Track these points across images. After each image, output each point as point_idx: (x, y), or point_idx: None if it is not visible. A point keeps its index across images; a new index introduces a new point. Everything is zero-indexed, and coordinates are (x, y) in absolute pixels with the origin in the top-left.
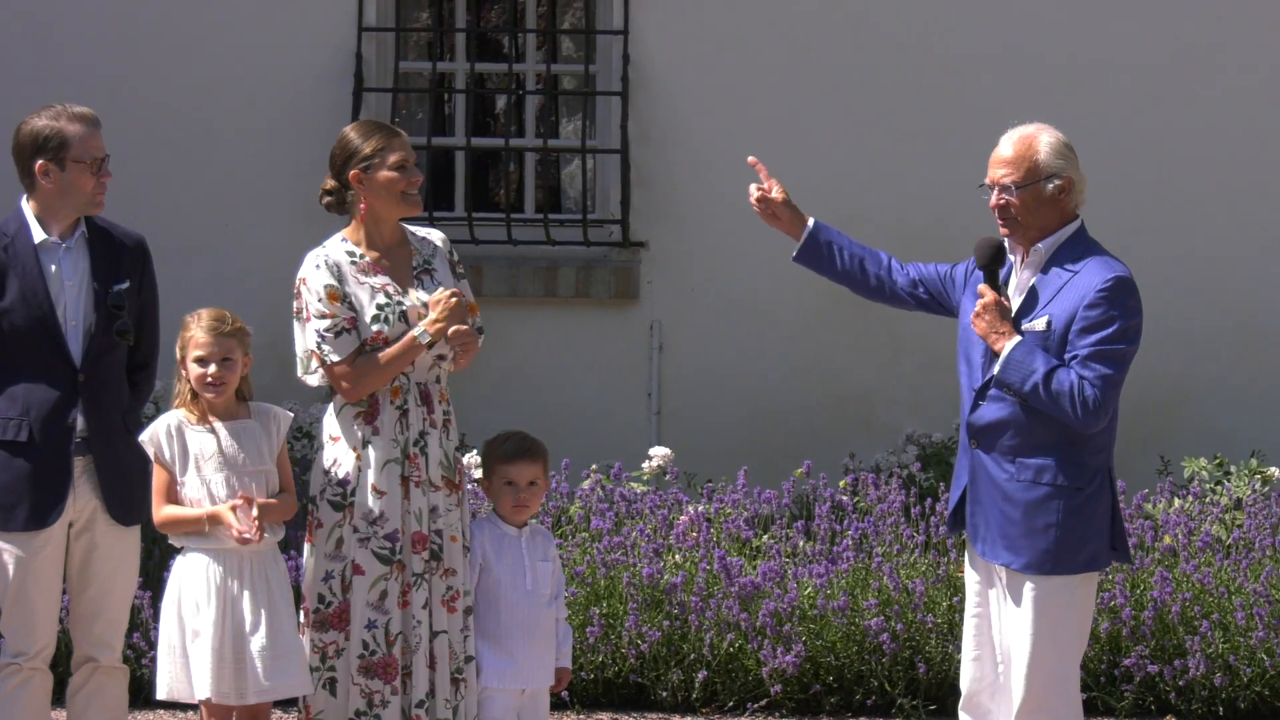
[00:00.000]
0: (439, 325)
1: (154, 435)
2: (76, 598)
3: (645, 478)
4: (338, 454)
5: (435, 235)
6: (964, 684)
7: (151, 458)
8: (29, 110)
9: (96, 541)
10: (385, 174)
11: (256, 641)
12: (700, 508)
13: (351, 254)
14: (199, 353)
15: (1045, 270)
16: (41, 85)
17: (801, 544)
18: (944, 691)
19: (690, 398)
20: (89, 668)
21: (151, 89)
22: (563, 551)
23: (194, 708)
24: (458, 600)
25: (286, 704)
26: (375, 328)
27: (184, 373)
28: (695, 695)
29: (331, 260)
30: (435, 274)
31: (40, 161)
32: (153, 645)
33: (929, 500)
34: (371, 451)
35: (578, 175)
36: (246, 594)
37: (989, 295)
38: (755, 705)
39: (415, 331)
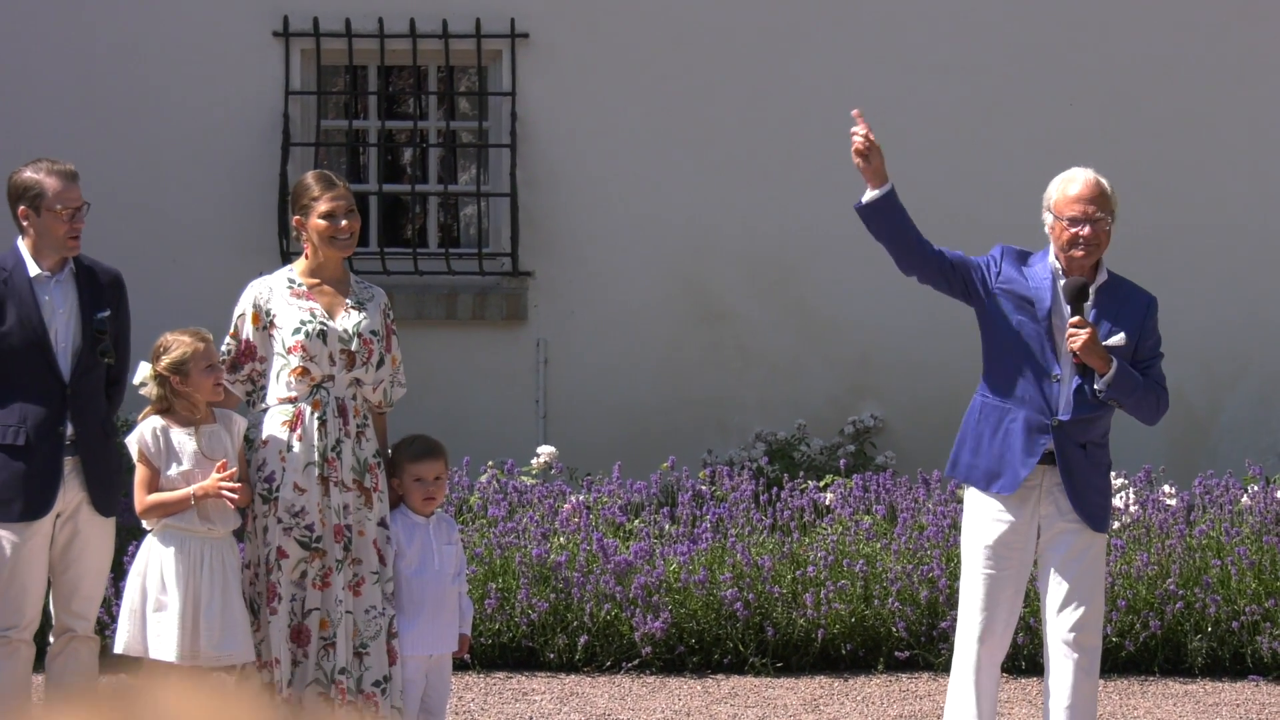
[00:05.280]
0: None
1: (140, 437)
2: (58, 578)
3: (534, 472)
4: (267, 455)
5: (379, 292)
6: (977, 632)
7: (135, 456)
8: (14, 163)
9: (79, 529)
10: (315, 221)
11: (211, 615)
12: (580, 497)
13: (291, 280)
14: (209, 362)
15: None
16: (23, 144)
17: (667, 527)
18: (788, 651)
19: (571, 404)
20: (66, 637)
21: (111, 146)
22: (464, 536)
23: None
24: (363, 585)
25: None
26: (295, 338)
27: (173, 385)
28: (578, 657)
29: (267, 285)
30: (366, 313)
31: (21, 207)
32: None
33: (775, 489)
34: (294, 454)
35: (474, 215)
36: (205, 574)
37: (1087, 330)
38: (629, 665)
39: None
